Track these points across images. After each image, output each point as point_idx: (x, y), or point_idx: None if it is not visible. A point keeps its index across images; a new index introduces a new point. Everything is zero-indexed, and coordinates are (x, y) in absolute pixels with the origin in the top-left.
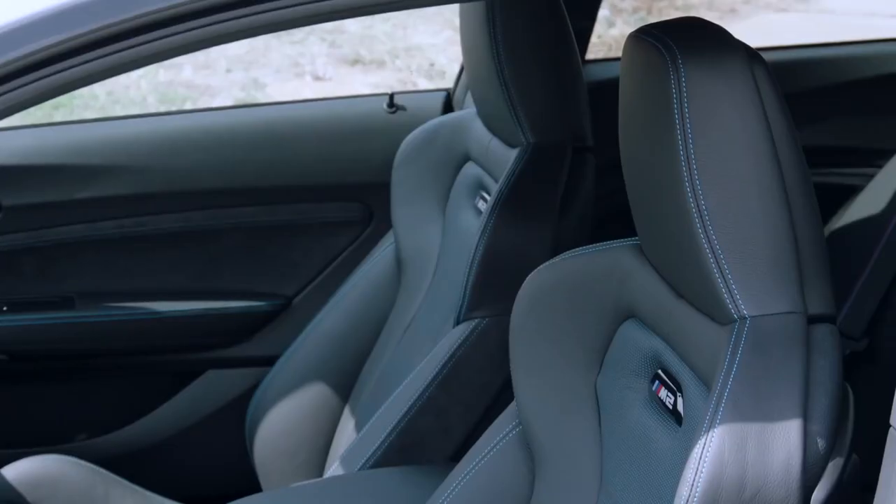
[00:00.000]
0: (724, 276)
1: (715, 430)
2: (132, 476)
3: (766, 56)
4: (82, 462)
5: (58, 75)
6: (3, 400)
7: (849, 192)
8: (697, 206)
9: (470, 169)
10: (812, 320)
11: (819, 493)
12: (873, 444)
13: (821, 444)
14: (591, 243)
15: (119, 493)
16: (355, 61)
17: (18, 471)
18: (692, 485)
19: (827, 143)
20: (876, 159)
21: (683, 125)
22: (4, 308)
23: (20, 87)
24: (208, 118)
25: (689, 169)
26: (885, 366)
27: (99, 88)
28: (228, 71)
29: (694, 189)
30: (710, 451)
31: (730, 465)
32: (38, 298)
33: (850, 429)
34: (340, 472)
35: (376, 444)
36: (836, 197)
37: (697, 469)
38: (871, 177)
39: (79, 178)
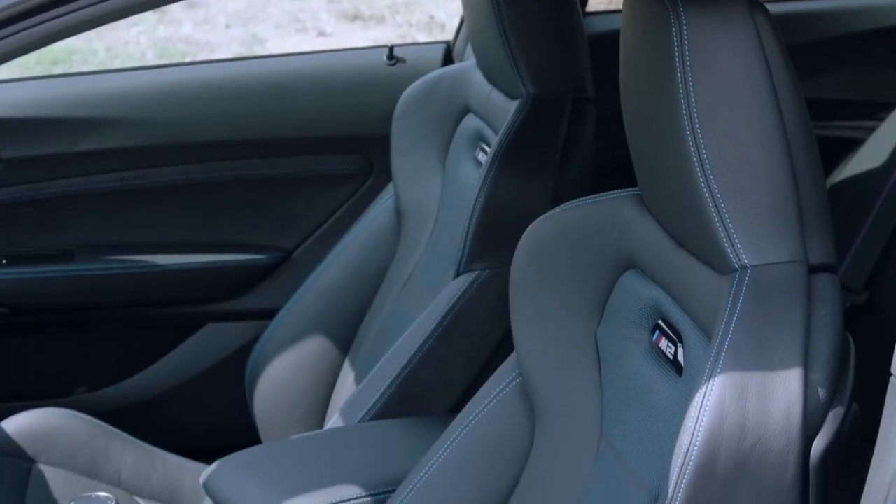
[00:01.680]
0: (724, 225)
1: (715, 379)
2: (132, 429)
3: (768, 8)
4: (82, 415)
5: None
6: (3, 353)
7: (850, 146)
8: (698, 154)
9: (470, 121)
10: (813, 270)
11: (819, 442)
12: (873, 397)
13: (821, 392)
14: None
15: (119, 446)
16: (355, 17)
17: (18, 424)
18: (693, 434)
19: (828, 96)
20: (877, 112)
21: (684, 74)
22: (4, 261)
23: None
24: (208, 70)
25: (690, 118)
26: (886, 319)
27: (98, 44)
28: (228, 27)
29: (695, 138)
30: (710, 400)
31: (730, 413)
32: (37, 251)
33: (851, 378)
34: (340, 424)
35: (376, 397)
36: (836, 150)
37: (698, 418)
38: (872, 130)
39: (78, 131)
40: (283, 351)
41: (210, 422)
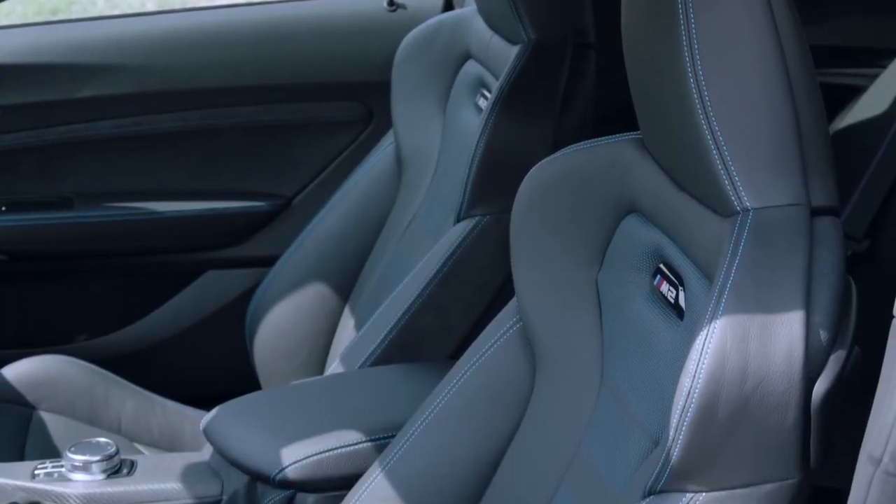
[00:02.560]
0: (726, 168)
1: (717, 321)
2: (132, 377)
3: None
4: (82, 362)
5: None
6: (3, 300)
7: (852, 93)
8: (700, 96)
9: (470, 67)
10: (815, 213)
11: (821, 385)
12: (873, 344)
13: (823, 335)
14: None
15: (119, 393)
16: None
17: (18, 371)
18: (694, 376)
19: (830, 43)
20: (880, 60)
21: (686, 16)
22: (3, 208)
23: None
24: (207, 17)
25: (693, 60)
26: (887, 267)
27: None
28: None
29: (697, 80)
30: (711, 343)
31: (732, 356)
32: (36, 198)
33: (853, 321)
34: (340, 370)
35: (376, 343)
36: (839, 97)
37: (699, 360)
38: (874, 77)
39: (77, 78)
40: (283, 298)
41: (210, 369)
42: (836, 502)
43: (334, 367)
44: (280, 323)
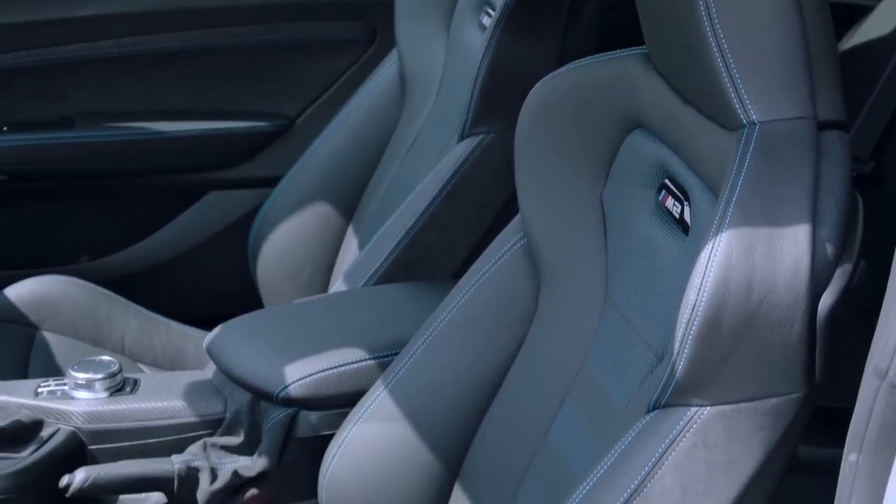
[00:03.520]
0: (733, 81)
1: (722, 234)
2: (134, 297)
3: None
4: (85, 282)
5: None
6: (4, 221)
7: (859, 13)
8: (707, 9)
9: None
10: (822, 126)
11: (827, 299)
12: (878, 266)
13: (829, 249)
14: None
15: (122, 314)
16: None
17: (21, 291)
18: (699, 289)
19: None
20: None
21: None
22: (4, 128)
23: None
24: None
25: None
26: (892, 187)
27: None
28: None
29: None
30: (717, 256)
31: (737, 269)
32: (37, 118)
33: (859, 236)
34: (344, 289)
35: (380, 261)
36: (846, 17)
37: (705, 273)
38: None
39: None
40: (286, 218)
41: (213, 290)
42: (841, 421)
43: (338, 286)
44: (283, 243)
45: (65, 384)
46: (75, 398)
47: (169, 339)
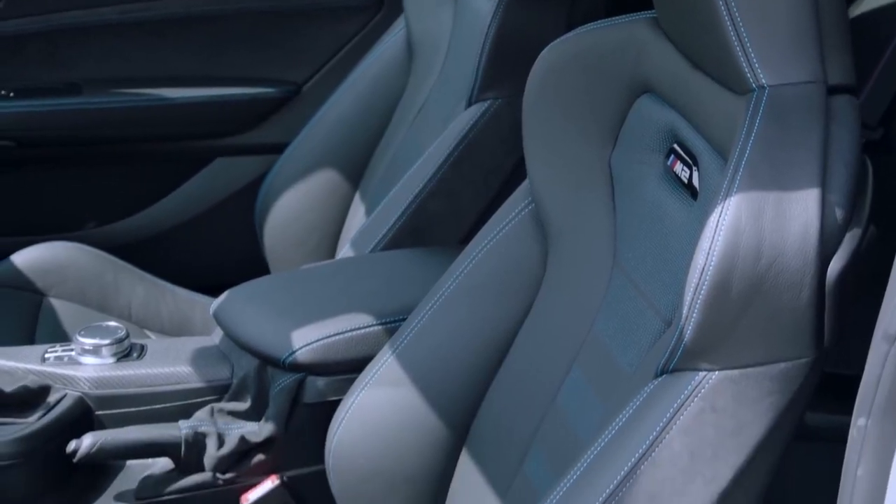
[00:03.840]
0: (742, 44)
1: (731, 198)
2: (141, 264)
3: None
4: (92, 249)
5: None
6: (11, 187)
7: None
8: None
9: None
10: (832, 91)
11: (836, 264)
12: (885, 232)
13: (839, 213)
14: None
15: (129, 280)
16: None
17: (27, 257)
18: (708, 253)
19: None
20: None
21: None
22: (11, 94)
23: None
24: None
25: None
26: None
27: None
28: None
29: None
30: (726, 220)
31: (746, 233)
32: (43, 84)
33: (869, 200)
34: (351, 254)
35: (387, 227)
36: None
37: (713, 238)
38: None
39: None
40: (293, 185)
41: (219, 257)
42: (849, 389)
43: (344, 252)
44: (290, 210)
45: (72, 350)
46: (82, 364)
47: (176, 305)
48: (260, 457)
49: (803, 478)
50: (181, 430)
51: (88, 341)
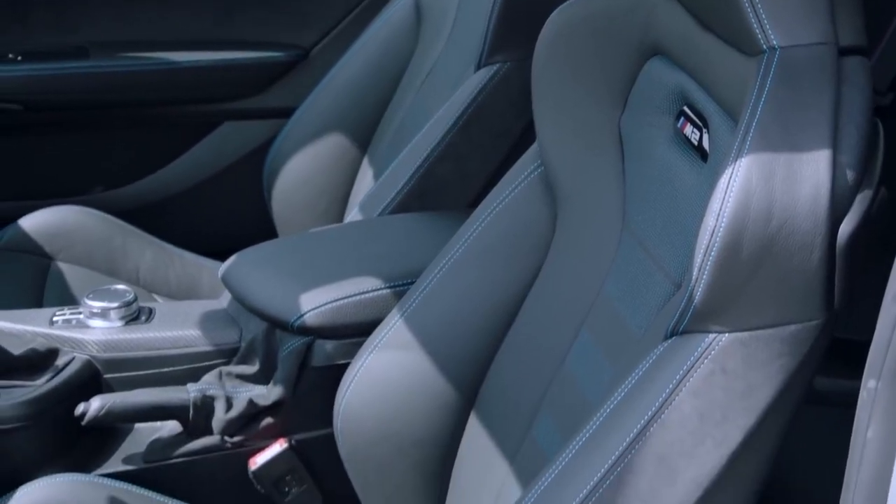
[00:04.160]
0: (753, 5)
1: (742, 160)
2: (148, 228)
3: None
4: (100, 213)
5: None
6: (18, 151)
7: None
8: None
9: None
10: (843, 52)
11: (847, 226)
12: (895, 197)
13: (850, 175)
14: None
15: (137, 244)
16: None
17: (35, 221)
18: (718, 215)
19: None
20: None
21: None
22: (18, 57)
23: None
24: None
25: None
26: None
27: None
28: None
29: None
30: (736, 181)
31: (757, 194)
32: (51, 48)
33: (880, 162)
34: (359, 218)
35: (395, 191)
36: None
37: (724, 199)
38: None
39: None
40: (301, 149)
41: (228, 221)
42: (859, 354)
43: (353, 215)
44: (298, 174)
45: (80, 313)
46: (90, 327)
47: (183, 269)
48: (268, 420)
49: (812, 442)
50: (189, 393)
51: (97, 304)
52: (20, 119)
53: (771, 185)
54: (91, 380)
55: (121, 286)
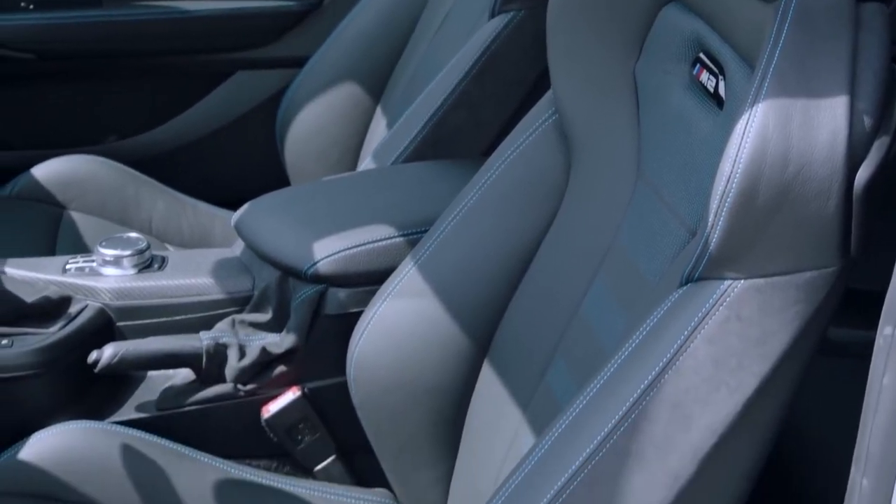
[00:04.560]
0: None
1: (759, 106)
2: (161, 177)
3: None
4: (112, 162)
5: None
6: (31, 100)
7: None
8: None
9: None
10: None
11: (864, 172)
12: None
13: (867, 121)
14: None
15: (149, 193)
16: None
17: (48, 170)
18: (734, 160)
19: None
20: None
21: None
22: (31, 6)
23: None
24: None
25: None
26: None
27: None
28: None
29: None
30: (753, 127)
31: (773, 140)
32: None
33: None
34: (372, 167)
35: (409, 139)
36: None
37: (740, 145)
38: None
39: None
40: (315, 98)
41: (240, 171)
42: (874, 304)
43: (366, 164)
44: (311, 123)
45: (93, 261)
46: (103, 275)
47: (196, 219)
48: (281, 368)
49: (826, 392)
50: (202, 341)
51: (109, 252)
52: (33, 68)
53: (788, 131)
54: (104, 327)
55: (133, 234)
